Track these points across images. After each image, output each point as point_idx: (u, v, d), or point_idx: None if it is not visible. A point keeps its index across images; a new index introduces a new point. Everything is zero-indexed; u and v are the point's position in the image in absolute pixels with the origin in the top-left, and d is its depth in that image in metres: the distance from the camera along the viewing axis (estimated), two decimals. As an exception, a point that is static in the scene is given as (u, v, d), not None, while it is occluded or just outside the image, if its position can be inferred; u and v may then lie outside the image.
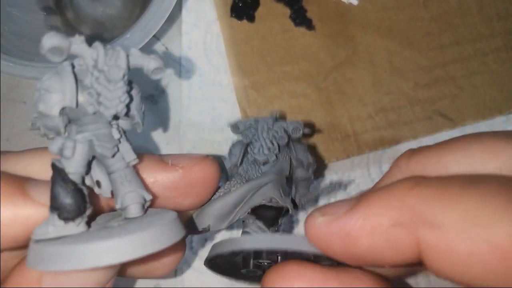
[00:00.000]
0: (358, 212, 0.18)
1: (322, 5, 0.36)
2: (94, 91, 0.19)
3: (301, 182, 0.28)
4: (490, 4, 0.37)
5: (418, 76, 0.36)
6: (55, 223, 0.18)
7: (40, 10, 0.36)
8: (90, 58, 0.19)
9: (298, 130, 0.27)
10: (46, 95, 0.19)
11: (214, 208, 0.26)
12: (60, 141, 0.19)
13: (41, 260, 0.17)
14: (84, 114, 0.19)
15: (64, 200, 0.18)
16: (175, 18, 0.36)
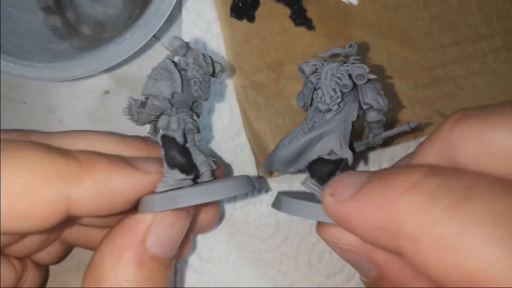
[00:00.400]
0: (356, 203, 0.19)
1: (322, 5, 0.36)
2: (197, 79, 0.26)
3: (373, 124, 0.27)
4: (490, 4, 0.37)
5: (418, 76, 0.36)
6: (177, 177, 0.24)
7: (40, 10, 0.36)
8: (192, 57, 0.26)
9: (362, 77, 0.25)
10: (161, 82, 0.25)
11: (279, 156, 0.27)
12: (167, 118, 0.25)
13: (176, 200, 0.23)
14: (181, 99, 0.26)
15: (181, 159, 0.24)
16: (175, 18, 0.36)
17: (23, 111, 0.35)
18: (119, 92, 0.36)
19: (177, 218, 0.24)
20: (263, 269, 0.35)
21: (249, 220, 0.35)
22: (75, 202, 0.22)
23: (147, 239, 0.23)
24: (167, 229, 0.24)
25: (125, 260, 0.23)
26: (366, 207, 0.18)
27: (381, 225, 0.17)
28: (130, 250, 0.23)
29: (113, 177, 0.23)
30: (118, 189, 0.23)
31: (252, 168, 0.35)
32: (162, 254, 0.24)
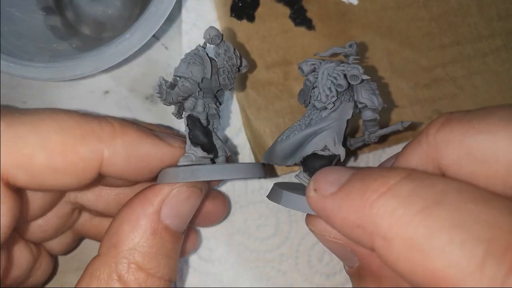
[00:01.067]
0: (336, 200, 0.20)
1: (322, 5, 0.36)
2: (226, 69, 0.28)
3: (368, 122, 0.28)
4: (490, 4, 0.37)
5: (418, 76, 0.36)
6: (199, 154, 0.26)
7: (40, 10, 0.36)
8: (224, 48, 0.27)
9: (356, 77, 0.26)
10: (194, 66, 0.26)
11: (278, 149, 0.28)
12: (193, 100, 0.27)
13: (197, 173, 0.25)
14: (209, 85, 0.28)
15: (203, 138, 0.27)
16: (175, 18, 0.36)
17: (23, 111, 0.36)
18: (119, 92, 0.36)
19: (191, 194, 0.26)
20: (263, 269, 0.35)
21: (249, 220, 0.35)
22: (107, 160, 0.24)
23: (162, 210, 0.25)
24: (180, 203, 0.25)
25: (142, 227, 0.24)
26: (345, 205, 0.19)
27: (357, 223, 0.19)
28: (146, 218, 0.24)
29: (142, 143, 0.25)
30: (145, 155, 0.25)
31: (252, 168, 0.35)
32: (174, 226, 0.25)
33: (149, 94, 0.36)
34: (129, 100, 0.36)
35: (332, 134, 0.26)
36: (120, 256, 0.24)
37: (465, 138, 0.19)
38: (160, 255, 0.25)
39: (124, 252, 0.24)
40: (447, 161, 0.20)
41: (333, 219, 0.20)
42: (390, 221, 0.17)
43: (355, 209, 0.19)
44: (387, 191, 0.18)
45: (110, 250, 0.24)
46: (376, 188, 0.18)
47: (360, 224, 0.19)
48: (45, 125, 0.22)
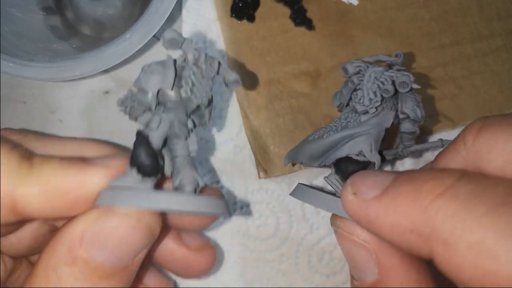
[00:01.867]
0: (383, 204, 0.19)
1: (322, 5, 0.36)
2: (190, 81, 0.24)
3: (406, 135, 0.27)
4: (490, 4, 0.37)
5: (418, 76, 0.36)
6: (133, 176, 0.22)
7: (40, 10, 0.36)
8: (193, 56, 0.24)
9: (405, 85, 0.25)
10: (150, 76, 0.23)
11: (307, 149, 0.27)
12: (149, 115, 0.24)
13: (117, 198, 0.21)
14: (172, 99, 0.24)
15: (145, 159, 0.22)
16: (175, 18, 0.36)
17: (23, 111, 0.35)
18: (119, 92, 0.36)
19: (121, 224, 0.21)
20: (263, 269, 0.35)
21: (249, 220, 0.35)
22: (20, 201, 0.21)
23: (84, 238, 0.21)
24: (107, 233, 0.21)
25: (58, 253, 0.21)
26: (394, 209, 0.18)
27: (410, 228, 0.17)
28: (64, 244, 0.21)
29: (61, 175, 0.22)
30: (66, 188, 0.22)
31: (252, 167, 0.35)
32: (102, 259, 0.21)
33: (149, 94, 0.36)
34: (129, 100, 0.36)
35: (370, 140, 0.25)
36: (36, 280, 0.21)
37: (509, 143, 0.18)
38: None
39: (40, 276, 0.21)
40: (490, 167, 0.19)
41: (379, 225, 0.19)
42: (451, 225, 0.16)
43: (407, 213, 0.18)
44: (444, 192, 0.17)
45: (33, 270, 0.22)
46: (431, 190, 0.17)
47: (414, 229, 0.17)
48: None
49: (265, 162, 0.35)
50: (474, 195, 0.16)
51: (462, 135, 0.20)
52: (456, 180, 0.17)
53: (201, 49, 0.24)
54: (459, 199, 0.16)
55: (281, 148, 0.35)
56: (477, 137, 0.19)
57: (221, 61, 0.25)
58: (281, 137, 0.35)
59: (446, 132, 0.36)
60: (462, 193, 0.17)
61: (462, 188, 0.17)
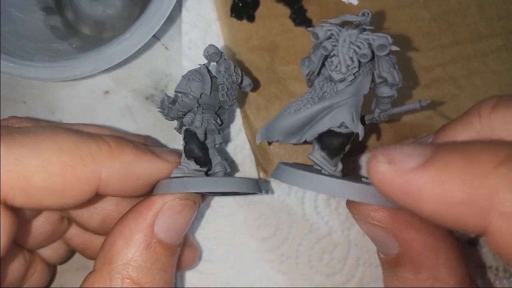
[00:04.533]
0: (429, 173, 0.17)
1: (322, 5, 0.36)
2: (225, 86, 0.28)
3: (383, 99, 0.25)
4: (490, 4, 0.37)
5: (418, 76, 0.36)
6: (192, 167, 0.27)
7: (40, 10, 0.36)
8: (224, 66, 0.29)
9: (383, 47, 0.23)
10: (193, 83, 0.27)
11: (283, 125, 0.25)
12: (192, 115, 0.28)
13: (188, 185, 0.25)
14: (208, 102, 0.28)
15: (198, 152, 0.27)
16: (175, 18, 0.36)
17: (23, 111, 0.35)
18: (119, 92, 0.36)
19: (184, 206, 0.26)
20: (263, 269, 0.35)
21: (249, 220, 0.35)
22: (104, 181, 0.24)
23: (155, 224, 0.25)
24: (174, 216, 0.26)
25: (135, 242, 0.24)
26: (445, 179, 0.16)
27: (463, 199, 0.16)
28: (139, 232, 0.25)
29: (139, 161, 0.25)
30: (142, 173, 0.25)
31: (252, 167, 0.35)
32: (168, 239, 0.25)
33: (149, 94, 0.36)
34: (129, 100, 0.36)
35: (350, 110, 0.24)
36: (114, 271, 0.24)
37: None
38: (155, 269, 0.25)
39: (118, 267, 0.24)
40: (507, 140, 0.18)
41: (422, 197, 0.17)
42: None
43: (461, 182, 0.16)
44: (504, 161, 0.15)
45: (105, 265, 0.24)
46: (489, 158, 0.16)
47: (468, 200, 0.16)
48: (45, 146, 0.22)
49: (265, 162, 0.35)
50: None
51: (477, 109, 0.20)
52: None
53: (230, 60, 0.29)
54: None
55: (281, 148, 0.35)
56: (493, 112, 0.19)
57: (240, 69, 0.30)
58: (281, 137, 0.35)
59: (446, 132, 0.36)
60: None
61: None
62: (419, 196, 0.17)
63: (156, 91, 0.36)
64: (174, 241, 0.26)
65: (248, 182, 0.27)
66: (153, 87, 0.36)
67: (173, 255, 0.26)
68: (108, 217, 0.29)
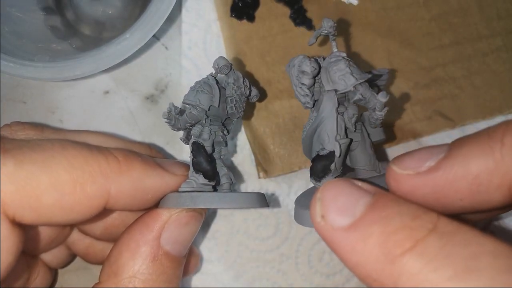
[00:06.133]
0: (349, 239, 0.18)
1: (322, 5, 0.36)
2: (234, 99, 0.28)
3: (359, 102, 0.26)
4: (490, 4, 0.37)
5: (418, 76, 0.36)
6: (200, 181, 0.26)
7: (40, 10, 0.36)
8: (233, 78, 0.28)
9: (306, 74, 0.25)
10: (202, 95, 0.27)
11: (304, 147, 0.27)
12: (200, 127, 0.28)
13: (195, 200, 0.25)
14: (216, 113, 0.28)
15: (206, 166, 0.27)
16: (175, 18, 0.36)
17: (23, 111, 0.35)
18: (119, 92, 0.36)
19: (190, 218, 0.26)
20: (263, 269, 0.35)
21: (249, 220, 0.35)
22: (113, 196, 0.24)
23: (162, 236, 0.25)
24: (180, 228, 0.26)
25: (141, 254, 0.24)
26: (361, 250, 0.17)
27: (374, 277, 0.17)
28: (146, 245, 0.25)
29: (147, 176, 0.25)
30: (150, 188, 0.25)
31: (252, 167, 0.35)
32: (175, 251, 0.25)
33: (149, 94, 0.36)
34: (129, 100, 0.36)
35: (324, 130, 0.25)
36: (120, 284, 0.24)
37: None
38: (161, 281, 0.25)
39: (124, 280, 0.24)
40: None
41: (344, 257, 0.18)
42: (416, 285, 0.15)
43: (373, 259, 0.17)
44: (412, 248, 0.16)
45: (111, 277, 0.24)
46: (400, 242, 0.16)
47: (377, 279, 0.17)
48: (55, 163, 0.22)
49: (265, 162, 0.35)
50: (443, 254, 0.16)
51: (501, 133, 0.18)
52: (428, 232, 0.16)
53: (238, 72, 0.29)
54: (427, 257, 0.16)
55: (281, 148, 0.35)
56: None
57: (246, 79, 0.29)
58: (281, 137, 0.35)
59: (446, 132, 0.36)
60: (430, 250, 0.16)
61: (432, 244, 0.16)
62: (342, 255, 0.18)
63: (156, 91, 0.36)
64: (180, 253, 0.26)
65: (255, 197, 0.27)
66: (153, 87, 0.36)
67: (179, 266, 0.26)
68: (111, 224, 0.29)
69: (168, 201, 0.26)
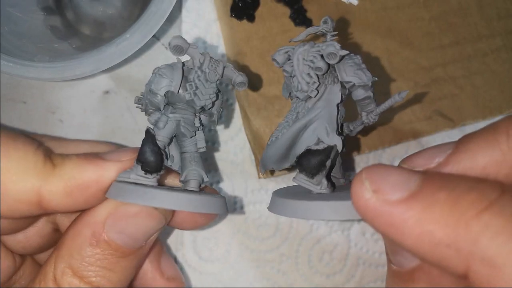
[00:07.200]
0: (413, 210, 0.17)
1: (322, 5, 0.36)
2: (194, 84, 0.25)
3: (362, 102, 0.25)
4: (490, 4, 0.37)
5: (418, 76, 0.36)
6: (137, 172, 0.24)
7: (40, 10, 0.36)
8: (198, 60, 0.25)
9: (333, 55, 0.23)
10: (159, 78, 0.25)
11: (270, 153, 0.25)
12: (157, 115, 0.26)
13: (125, 194, 0.23)
14: (180, 100, 0.25)
15: (150, 157, 0.24)
16: (175, 18, 0.36)
17: (23, 111, 0.35)
18: (119, 92, 0.36)
19: (139, 212, 0.25)
20: (263, 269, 0.35)
21: (249, 220, 0.35)
22: (46, 197, 0.24)
23: (106, 223, 0.24)
24: (126, 220, 0.25)
25: (83, 235, 0.24)
26: (429, 218, 0.16)
27: (447, 242, 0.16)
28: (88, 228, 0.24)
29: (83, 171, 0.24)
30: (86, 182, 0.24)
31: (252, 167, 0.35)
32: (120, 241, 0.25)
33: (149, 94, 0.36)
34: (129, 100, 0.36)
35: (323, 124, 0.24)
36: (58, 259, 0.24)
37: None
38: (99, 266, 0.24)
39: (63, 256, 0.24)
40: None
41: (405, 231, 0.17)
42: (498, 244, 0.15)
43: (445, 224, 0.16)
44: (489, 207, 0.15)
45: (54, 252, 0.24)
46: (473, 202, 0.16)
47: (451, 243, 0.16)
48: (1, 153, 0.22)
49: (265, 162, 0.35)
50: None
51: (506, 126, 0.18)
52: (500, 194, 0.16)
53: (206, 54, 0.25)
54: (505, 215, 0.15)
55: (281, 148, 0.35)
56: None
57: (226, 64, 0.26)
58: (281, 137, 0.35)
59: (446, 132, 0.36)
60: (507, 208, 0.15)
61: (508, 203, 0.15)
62: (402, 230, 0.17)
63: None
64: (127, 245, 0.25)
65: (203, 200, 0.24)
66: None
67: (124, 257, 0.25)
68: None
69: (109, 190, 0.25)
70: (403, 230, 0.17)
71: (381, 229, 0.18)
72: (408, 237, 0.17)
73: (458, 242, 0.16)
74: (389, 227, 0.17)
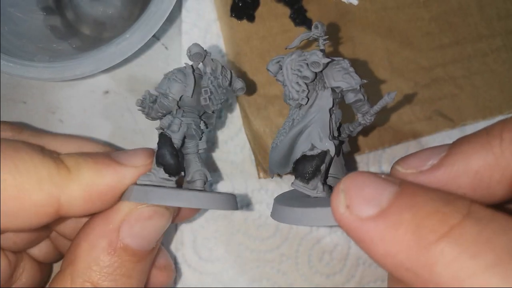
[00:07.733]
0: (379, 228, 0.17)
1: (322, 5, 0.36)
2: (209, 90, 0.26)
3: (355, 104, 0.25)
4: (490, 4, 0.37)
5: (418, 76, 0.36)
6: (160, 175, 0.25)
7: (40, 10, 0.36)
8: (211, 67, 0.26)
9: (316, 64, 0.24)
10: (173, 83, 0.26)
11: (272, 160, 0.26)
12: (170, 118, 0.26)
13: (153, 196, 0.24)
14: (188, 104, 0.26)
15: (170, 159, 0.25)
16: (175, 18, 0.36)
17: (23, 111, 0.35)
18: (119, 92, 0.36)
19: (153, 214, 0.25)
20: (263, 269, 0.35)
21: (249, 220, 0.35)
22: (64, 204, 0.23)
23: (121, 229, 0.24)
24: (142, 223, 0.25)
25: (99, 245, 0.24)
26: (392, 239, 0.16)
27: (407, 266, 0.16)
28: (104, 236, 0.24)
29: (100, 177, 0.24)
30: (106, 187, 0.24)
31: (252, 167, 0.35)
32: (135, 245, 0.25)
33: (149, 94, 0.36)
34: (129, 100, 0.36)
35: (316, 129, 0.24)
36: (75, 273, 0.23)
37: None
38: (118, 274, 0.24)
39: (80, 269, 0.24)
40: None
41: (372, 248, 0.17)
42: (454, 272, 0.15)
43: (405, 247, 0.16)
44: (448, 233, 0.15)
45: (68, 266, 0.24)
46: (435, 227, 0.16)
47: (411, 268, 0.16)
48: (2, 166, 0.21)
49: (265, 162, 0.35)
50: (481, 240, 0.15)
51: (500, 129, 0.18)
52: (462, 217, 0.16)
53: (218, 62, 0.27)
54: (464, 244, 0.15)
55: (281, 148, 0.35)
56: None
57: (232, 71, 0.27)
58: (281, 137, 0.35)
59: (446, 132, 0.36)
60: (467, 236, 0.15)
61: (468, 230, 0.15)
62: (369, 246, 0.17)
63: (156, 91, 0.36)
64: (142, 247, 0.25)
65: (220, 198, 0.25)
66: (153, 87, 0.36)
67: (140, 261, 0.25)
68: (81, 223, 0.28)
69: (125, 194, 0.25)
70: (369, 247, 0.17)
71: (355, 241, 0.18)
72: (375, 255, 0.17)
73: (417, 268, 0.16)
74: (360, 242, 0.18)
